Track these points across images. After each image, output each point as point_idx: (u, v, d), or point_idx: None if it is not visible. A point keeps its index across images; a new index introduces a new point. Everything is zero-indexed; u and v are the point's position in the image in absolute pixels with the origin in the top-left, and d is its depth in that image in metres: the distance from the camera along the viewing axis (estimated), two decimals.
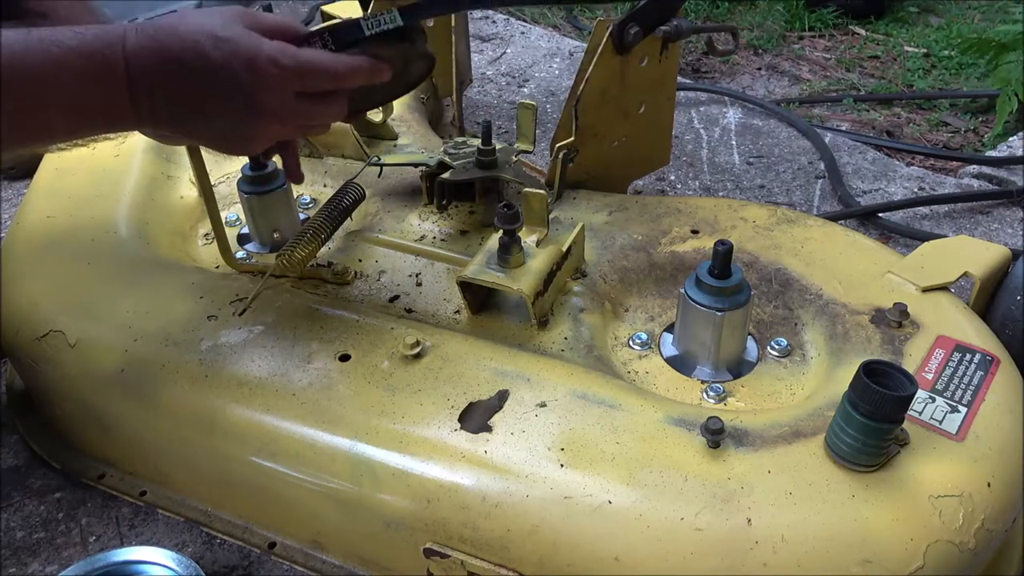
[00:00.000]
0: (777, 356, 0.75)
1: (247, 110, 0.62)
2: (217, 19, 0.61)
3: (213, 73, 0.60)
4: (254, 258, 0.90)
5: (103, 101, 0.59)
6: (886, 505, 0.56)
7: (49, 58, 0.56)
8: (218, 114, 0.63)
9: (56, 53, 0.56)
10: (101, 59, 0.57)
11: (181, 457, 0.77)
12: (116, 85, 0.59)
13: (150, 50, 0.59)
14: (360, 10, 1.36)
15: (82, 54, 0.57)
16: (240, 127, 0.64)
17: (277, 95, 0.62)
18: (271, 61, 0.60)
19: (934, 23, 2.08)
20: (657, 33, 0.88)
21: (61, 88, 0.57)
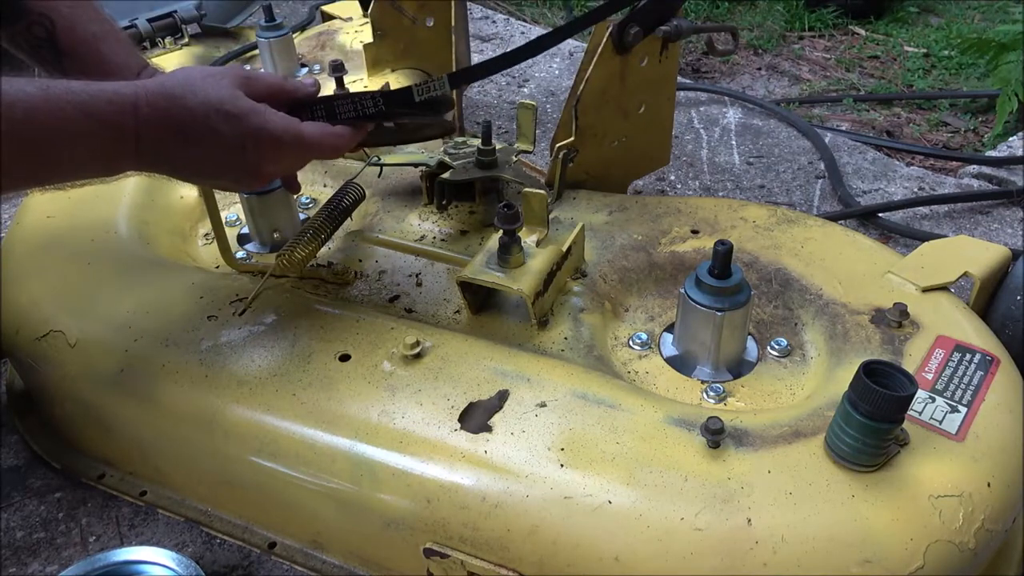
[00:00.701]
0: (777, 356, 0.75)
1: (248, 174, 0.67)
2: (225, 90, 0.64)
3: (221, 147, 0.64)
4: (254, 258, 0.90)
5: (112, 158, 0.62)
6: (886, 505, 0.56)
7: (64, 118, 0.58)
8: (219, 175, 0.68)
9: (71, 113, 0.58)
10: (113, 124, 0.60)
11: (181, 457, 0.77)
12: (126, 147, 0.62)
13: (161, 121, 0.62)
14: (360, 10, 1.36)
15: (95, 117, 0.59)
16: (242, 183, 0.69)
17: (278, 164, 0.68)
18: (277, 140, 0.65)
19: (934, 23, 2.08)
20: (657, 33, 0.88)
21: (73, 145, 0.59)
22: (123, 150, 0.62)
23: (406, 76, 1.19)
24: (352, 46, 1.26)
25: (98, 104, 0.59)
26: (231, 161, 0.66)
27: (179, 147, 0.64)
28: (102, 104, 0.59)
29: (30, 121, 0.56)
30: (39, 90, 0.57)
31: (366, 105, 0.70)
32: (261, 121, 0.64)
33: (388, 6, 1.15)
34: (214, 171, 0.67)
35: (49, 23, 0.74)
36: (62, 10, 0.74)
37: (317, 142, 0.68)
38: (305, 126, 0.67)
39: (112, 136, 0.60)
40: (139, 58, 0.78)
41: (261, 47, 1.20)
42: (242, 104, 0.64)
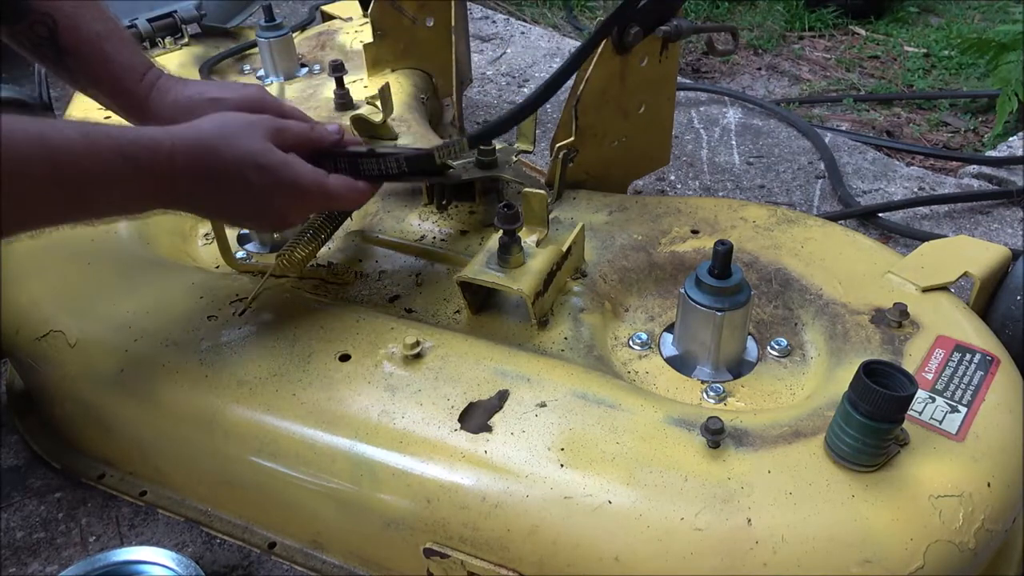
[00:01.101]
0: (777, 356, 0.75)
1: (274, 221, 0.72)
2: (258, 142, 0.67)
3: (252, 195, 0.68)
4: (254, 258, 0.90)
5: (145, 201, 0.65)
6: (886, 505, 0.56)
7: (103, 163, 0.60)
8: (248, 219, 0.74)
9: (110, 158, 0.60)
10: (150, 171, 0.62)
11: (181, 457, 0.77)
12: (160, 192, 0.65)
13: (196, 171, 0.65)
14: (360, 10, 1.36)
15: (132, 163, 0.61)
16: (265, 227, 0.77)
17: (303, 213, 0.74)
18: (306, 194, 0.69)
19: (934, 23, 2.08)
20: (657, 33, 0.88)
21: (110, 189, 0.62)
22: (157, 195, 0.65)
23: (406, 76, 1.19)
24: (352, 46, 1.26)
25: (136, 150, 0.61)
26: (259, 209, 0.69)
27: (211, 194, 0.67)
28: (139, 151, 0.62)
29: (73, 166, 0.58)
30: (80, 135, 0.59)
31: (389, 167, 0.75)
32: (292, 175, 0.68)
33: (388, 6, 1.15)
34: (242, 215, 0.72)
35: (52, 22, 0.74)
36: (65, 9, 0.74)
37: (341, 195, 0.72)
38: (331, 180, 0.71)
39: (148, 182, 0.63)
40: (144, 59, 0.78)
41: (261, 47, 1.20)
42: (273, 157, 0.67)
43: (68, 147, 0.58)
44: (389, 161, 0.75)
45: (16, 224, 0.59)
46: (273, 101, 0.80)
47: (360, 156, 0.75)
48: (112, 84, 0.77)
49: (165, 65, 1.19)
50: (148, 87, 0.77)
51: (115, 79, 0.77)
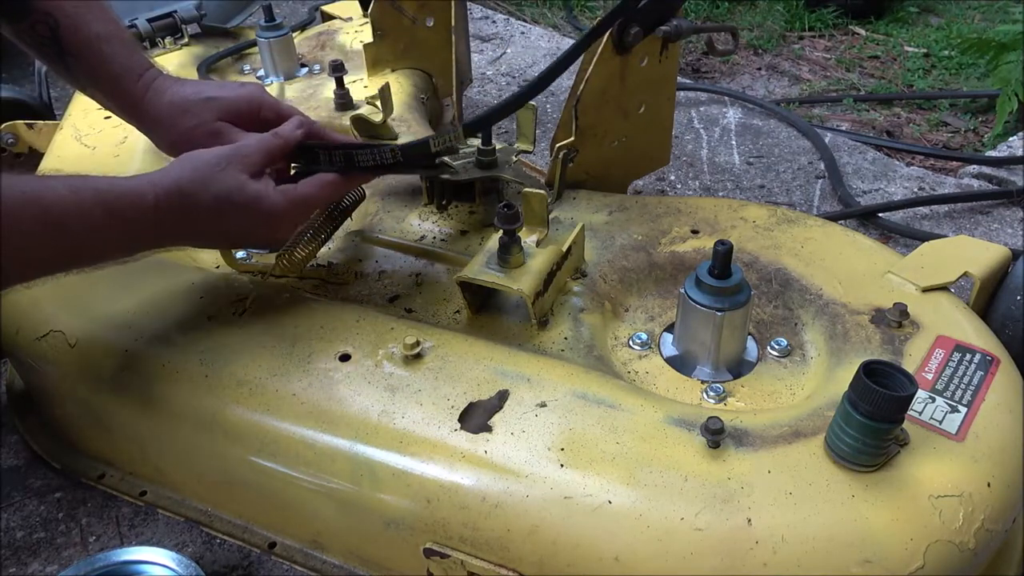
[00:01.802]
0: (777, 356, 0.75)
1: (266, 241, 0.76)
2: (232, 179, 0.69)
3: (235, 229, 0.72)
4: (254, 258, 0.90)
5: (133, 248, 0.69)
6: (886, 505, 0.56)
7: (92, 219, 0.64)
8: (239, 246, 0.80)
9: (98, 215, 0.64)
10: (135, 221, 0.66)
11: (181, 457, 0.77)
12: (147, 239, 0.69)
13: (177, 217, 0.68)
14: (360, 10, 1.36)
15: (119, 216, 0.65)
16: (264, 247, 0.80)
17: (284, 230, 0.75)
18: (285, 213, 0.72)
19: (934, 23, 2.08)
20: (657, 33, 0.88)
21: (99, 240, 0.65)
22: (144, 241, 0.69)
23: (406, 76, 1.19)
24: (352, 46, 1.26)
25: (121, 205, 0.65)
26: (248, 236, 0.74)
27: (197, 234, 0.72)
28: (125, 206, 0.65)
29: (63, 222, 0.62)
30: (71, 192, 0.62)
31: (385, 156, 0.75)
32: (268, 205, 0.70)
33: (388, 6, 1.15)
34: (235, 243, 0.77)
35: (53, 22, 0.74)
36: (67, 9, 0.74)
37: (316, 199, 0.74)
38: (303, 189, 0.73)
39: (134, 231, 0.67)
40: (142, 59, 0.78)
41: (261, 47, 1.20)
42: (246, 193, 0.69)
43: (60, 205, 0.61)
44: (384, 151, 0.75)
45: (13, 278, 0.63)
46: (269, 99, 0.80)
47: (355, 147, 0.75)
48: (110, 85, 0.77)
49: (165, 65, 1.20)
50: (144, 88, 0.77)
51: (113, 80, 0.77)
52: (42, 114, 1.34)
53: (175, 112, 0.76)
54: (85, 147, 1.03)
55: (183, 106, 0.76)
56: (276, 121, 0.78)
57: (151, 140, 0.81)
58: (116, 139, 1.03)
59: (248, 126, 0.77)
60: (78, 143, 1.04)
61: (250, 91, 0.79)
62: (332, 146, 0.76)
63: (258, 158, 0.72)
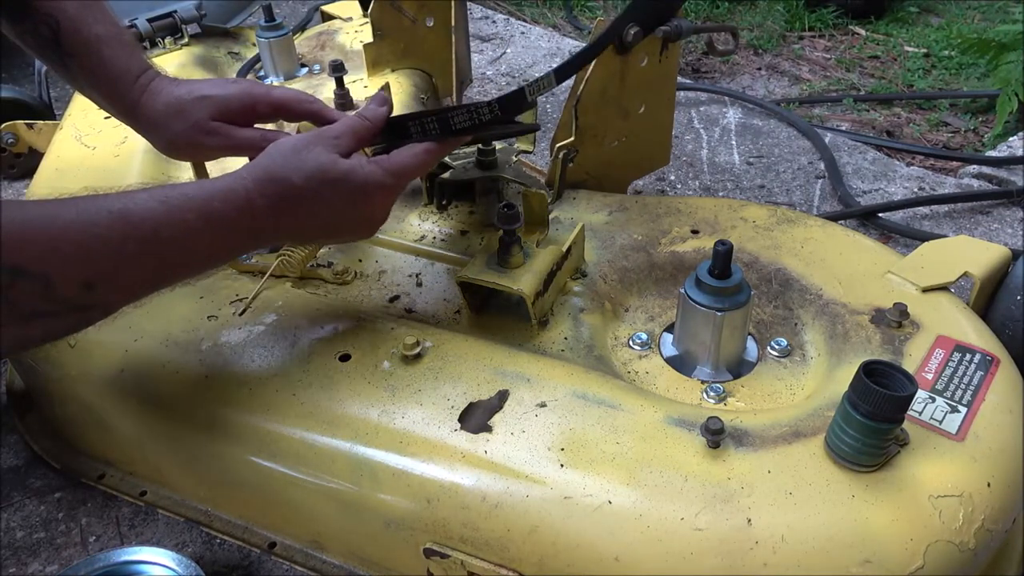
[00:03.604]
0: (777, 356, 0.75)
1: (368, 222, 0.71)
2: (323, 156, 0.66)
3: (334, 211, 0.67)
4: (254, 258, 0.90)
5: (232, 251, 0.66)
6: (886, 505, 0.56)
7: (187, 227, 0.61)
8: (342, 232, 0.72)
9: (192, 221, 0.61)
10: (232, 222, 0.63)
11: (181, 457, 0.77)
12: (245, 239, 0.65)
13: (275, 207, 0.65)
14: (360, 10, 1.36)
15: (214, 220, 0.62)
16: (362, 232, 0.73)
17: (384, 206, 0.71)
18: (380, 186, 0.68)
19: (934, 23, 2.08)
20: (657, 33, 0.88)
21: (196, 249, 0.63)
22: (241, 240, 0.65)
23: (406, 76, 1.19)
24: (352, 46, 1.26)
25: (215, 206, 0.62)
26: (346, 219, 0.69)
27: (295, 223, 0.67)
28: (219, 205, 0.62)
29: (157, 236, 0.59)
30: (160, 203, 0.60)
31: (482, 113, 0.72)
32: (364, 176, 0.67)
33: (388, 6, 1.15)
34: (334, 231, 0.70)
35: (55, 23, 0.74)
36: (68, 11, 0.74)
37: (414, 168, 0.70)
38: (395, 159, 0.70)
39: (231, 230, 0.64)
40: (140, 61, 0.78)
41: (261, 47, 1.20)
42: (341, 166, 0.66)
43: (152, 219, 0.59)
44: (481, 107, 0.72)
45: (115, 302, 0.61)
46: (263, 90, 0.79)
47: (448, 110, 0.72)
48: (108, 87, 0.77)
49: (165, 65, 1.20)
50: (140, 90, 0.77)
51: (111, 82, 0.77)
52: (42, 114, 1.35)
53: (170, 113, 0.76)
54: (85, 147, 1.03)
55: (177, 107, 0.76)
56: (272, 115, 0.78)
57: (149, 142, 0.80)
58: (116, 139, 1.03)
59: (244, 122, 0.77)
60: (78, 143, 1.04)
61: (243, 87, 0.78)
62: (422, 115, 0.73)
63: (346, 140, 0.69)
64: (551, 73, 0.73)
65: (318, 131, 0.69)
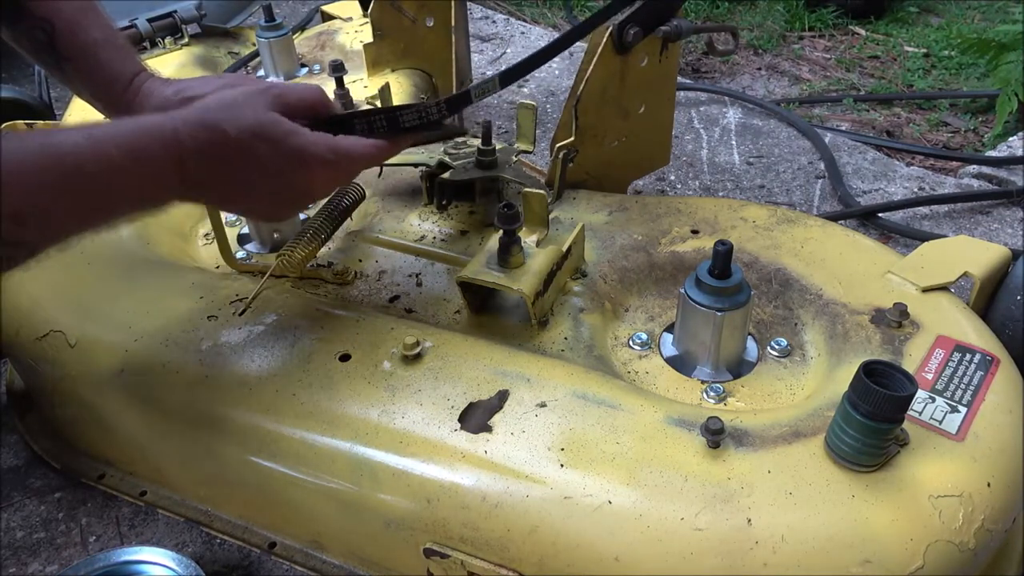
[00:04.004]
0: (777, 356, 0.75)
1: (289, 195, 0.68)
2: (263, 114, 0.64)
3: (264, 171, 0.65)
4: (254, 258, 0.90)
5: (158, 194, 0.63)
6: (886, 505, 0.56)
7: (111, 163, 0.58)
8: (261, 200, 0.68)
9: (117, 157, 0.59)
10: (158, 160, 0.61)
11: (181, 457, 0.77)
12: (172, 182, 0.62)
13: (204, 151, 0.62)
14: (360, 10, 1.36)
15: (140, 157, 0.60)
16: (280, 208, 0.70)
17: (319, 183, 0.69)
18: (318, 158, 0.66)
19: (934, 23, 2.08)
20: (657, 33, 0.88)
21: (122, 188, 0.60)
22: (169, 184, 0.62)
23: (406, 76, 1.19)
24: (352, 46, 1.26)
25: (142, 142, 0.60)
26: (276, 185, 0.66)
27: (223, 175, 0.64)
28: (145, 139, 0.60)
29: (80, 170, 0.57)
30: (84, 137, 0.58)
31: (431, 112, 0.73)
32: (300, 143, 0.65)
33: (388, 6, 1.15)
34: (261, 197, 0.67)
35: (50, 27, 0.74)
36: (64, 14, 0.74)
37: (359, 155, 0.69)
38: (342, 141, 0.68)
39: (158, 172, 0.61)
40: (134, 64, 0.78)
41: (261, 47, 1.20)
42: (281, 127, 0.64)
43: (74, 151, 0.57)
44: (429, 107, 0.73)
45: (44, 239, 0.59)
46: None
47: (397, 109, 0.73)
48: (103, 91, 0.77)
49: (165, 65, 1.20)
50: (133, 94, 0.77)
51: (105, 86, 0.77)
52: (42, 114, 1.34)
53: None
54: None
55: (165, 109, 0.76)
56: None
57: None
58: None
59: None
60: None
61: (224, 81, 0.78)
62: (371, 112, 0.73)
63: (293, 100, 0.67)
64: (496, 77, 0.74)
65: (266, 86, 0.67)
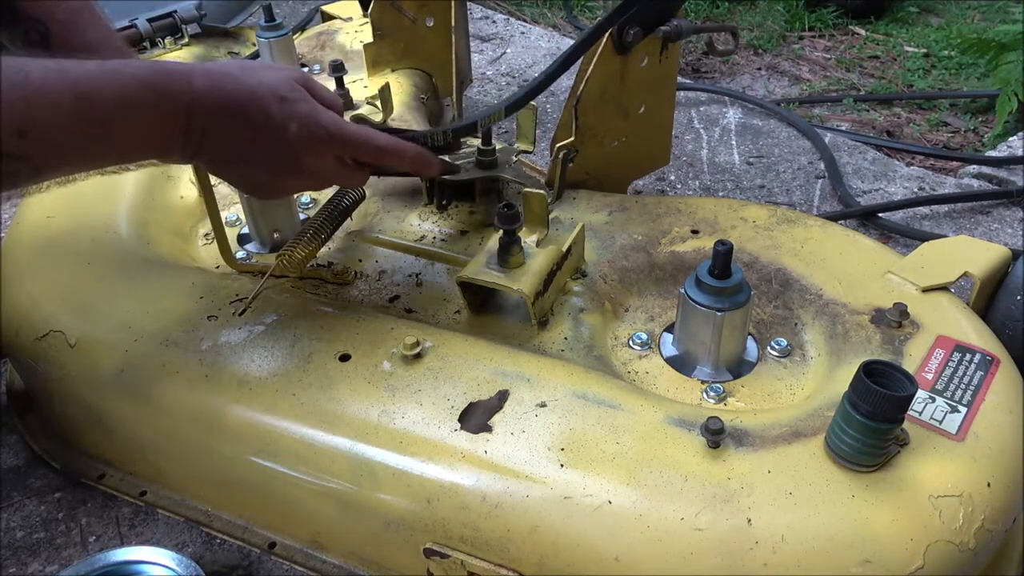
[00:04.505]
0: (777, 356, 0.75)
1: (288, 165, 0.67)
2: (283, 80, 0.64)
3: (269, 127, 0.64)
4: (254, 258, 0.90)
5: (165, 134, 0.62)
6: (886, 505, 0.56)
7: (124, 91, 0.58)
8: (259, 164, 0.67)
9: (130, 85, 0.59)
10: (170, 95, 0.60)
11: (181, 457, 0.77)
12: (178, 123, 0.62)
13: (214, 95, 0.62)
14: (360, 10, 1.36)
15: (153, 88, 0.60)
16: (275, 179, 0.69)
17: (320, 158, 0.68)
18: (324, 129, 0.66)
19: (934, 23, 2.08)
20: (657, 33, 0.88)
21: (131, 120, 0.60)
22: (175, 125, 0.62)
23: (406, 76, 1.19)
24: (352, 46, 1.26)
25: (154, 76, 0.60)
26: (275, 148, 0.65)
27: (227, 125, 0.63)
28: (158, 75, 0.60)
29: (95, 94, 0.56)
30: (97, 65, 0.57)
31: (435, 139, 0.77)
32: (311, 108, 0.65)
33: (388, 6, 1.15)
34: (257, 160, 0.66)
35: (44, 29, 0.73)
36: (58, 16, 0.74)
37: (363, 141, 0.69)
38: (350, 124, 0.68)
39: (166, 110, 0.60)
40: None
41: (261, 47, 1.20)
42: (296, 92, 0.65)
43: (87, 76, 0.56)
44: (435, 134, 0.77)
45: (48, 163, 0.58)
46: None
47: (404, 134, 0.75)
48: None
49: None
50: None
51: None
52: None
53: None
54: None
55: None
56: None
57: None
58: None
59: None
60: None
61: None
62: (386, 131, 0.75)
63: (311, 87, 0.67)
64: (502, 107, 0.79)
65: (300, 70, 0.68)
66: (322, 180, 0.72)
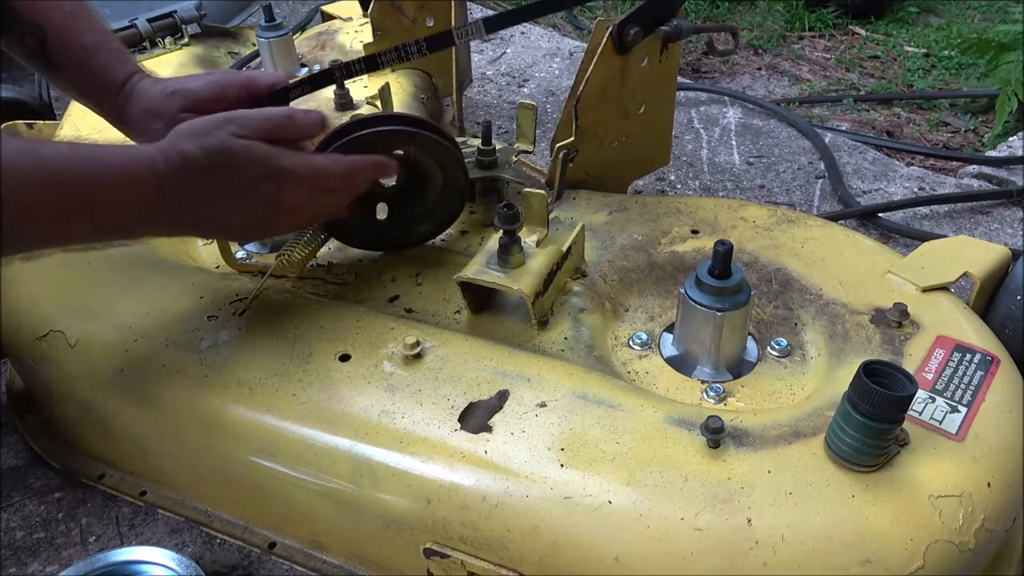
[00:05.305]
0: (777, 356, 0.75)
1: (275, 210, 0.70)
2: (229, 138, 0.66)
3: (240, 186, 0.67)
4: (254, 258, 0.90)
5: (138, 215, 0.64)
6: (886, 505, 0.56)
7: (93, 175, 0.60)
8: (240, 218, 0.70)
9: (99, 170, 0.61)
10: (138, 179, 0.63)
11: (181, 457, 0.77)
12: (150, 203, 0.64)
13: (180, 172, 0.64)
14: (360, 10, 1.36)
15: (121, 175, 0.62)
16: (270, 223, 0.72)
17: (295, 195, 0.70)
18: (298, 175, 0.68)
19: (934, 23, 2.08)
20: (657, 33, 0.88)
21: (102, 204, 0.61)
22: (148, 206, 0.64)
23: (406, 76, 1.19)
24: (352, 46, 1.26)
25: (122, 162, 0.62)
26: (253, 200, 0.68)
27: (200, 196, 0.66)
28: (126, 161, 0.63)
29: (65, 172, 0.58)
30: (67, 147, 0.60)
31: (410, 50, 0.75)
32: (275, 158, 0.67)
33: (388, 6, 1.15)
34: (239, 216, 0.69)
35: (41, 34, 0.73)
36: (55, 20, 0.74)
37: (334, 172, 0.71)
38: (318, 157, 0.70)
39: (137, 191, 0.63)
40: (127, 67, 0.78)
41: (261, 47, 1.20)
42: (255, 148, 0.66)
43: (59, 157, 0.59)
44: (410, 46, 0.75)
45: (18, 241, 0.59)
46: (235, 75, 0.79)
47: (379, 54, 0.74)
48: (97, 97, 0.77)
49: (165, 65, 1.20)
50: (125, 97, 0.77)
51: (99, 92, 0.77)
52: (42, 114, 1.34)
53: (148, 115, 0.76)
54: None
55: (153, 108, 0.76)
56: (244, 99, 0.78)
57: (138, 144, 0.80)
58: (116, 139, 1.03)
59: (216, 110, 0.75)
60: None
61: (213, 77, 0.78)
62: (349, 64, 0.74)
63: (255, 123, 0.68)
64: (480, 21, 0.77)
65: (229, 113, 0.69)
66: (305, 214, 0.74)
